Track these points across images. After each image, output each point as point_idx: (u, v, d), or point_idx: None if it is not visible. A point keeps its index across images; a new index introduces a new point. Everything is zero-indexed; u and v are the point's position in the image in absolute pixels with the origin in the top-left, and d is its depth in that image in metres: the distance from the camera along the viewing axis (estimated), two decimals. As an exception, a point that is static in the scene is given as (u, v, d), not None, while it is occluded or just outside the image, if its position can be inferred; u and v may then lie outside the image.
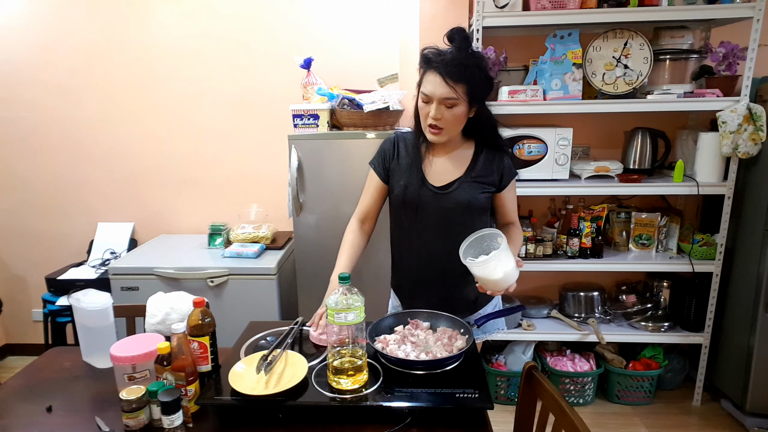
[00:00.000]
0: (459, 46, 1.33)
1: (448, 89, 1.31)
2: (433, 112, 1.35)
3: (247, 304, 2.34)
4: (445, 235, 1.45)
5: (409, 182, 1.45)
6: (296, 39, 2.62)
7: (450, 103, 1.33)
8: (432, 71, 1.33)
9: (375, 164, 1.54)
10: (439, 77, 1.31)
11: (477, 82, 1.34)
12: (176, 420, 1.05)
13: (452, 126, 1.38)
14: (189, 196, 2.85)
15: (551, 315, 2.62)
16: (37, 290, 2.95)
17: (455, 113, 1.35)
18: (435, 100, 1.33)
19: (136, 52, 2.67)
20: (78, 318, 1.41)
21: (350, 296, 1.10)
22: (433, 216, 1.45)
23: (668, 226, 2.53)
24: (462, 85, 1.31)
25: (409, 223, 1.50)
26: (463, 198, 1.43)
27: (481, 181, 1.45)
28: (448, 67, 1.30)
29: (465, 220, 1.45)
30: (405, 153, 1.50)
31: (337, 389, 1.10)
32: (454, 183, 1.45)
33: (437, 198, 1.44)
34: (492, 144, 1.49)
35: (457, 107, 1.34)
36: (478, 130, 1.47)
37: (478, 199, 1.45)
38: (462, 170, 1.46)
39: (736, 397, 2.36)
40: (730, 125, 2.13)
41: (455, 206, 1.44)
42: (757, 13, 2.07)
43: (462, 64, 1.31)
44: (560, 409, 1.04)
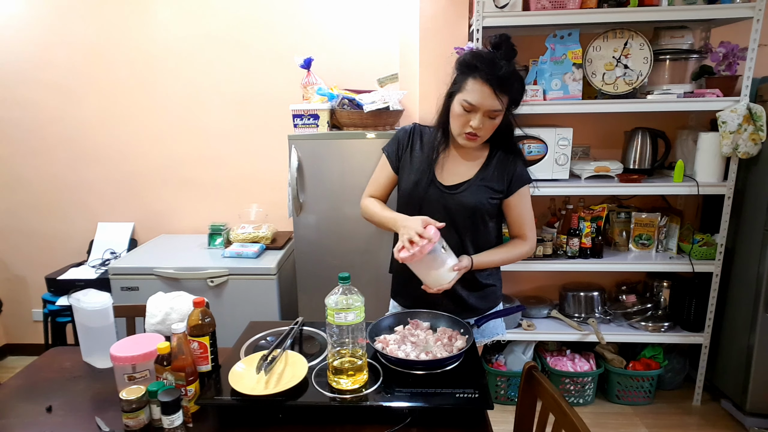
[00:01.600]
0: (508, 57, 1.29)
1: (497, 102, 1.28)
2: (476, 123, 1.31)
3: (247, 304, 2.34)
4: (447, 236, 1.41)
5: (418, 178, 1.43)
6: (296, 39, 2.62)
7: (495, 115, 1.31)
8: (479, 80, 1.27)
9: (389, 151, 1.51)
10: (488, 89, 1.27)
11: (518, 93, 1.33)
12: (176, 420, 1.05)
13: (488, 134, 1.37)
14: (189, 196, 2.85)
15: (551, 315, 2.62)
16: (37, 290, 2.95)
17: (495, 123, 1.34)
18: (481, 111, 1.30)
19: (136, 52, 2.67)
20: (78, 318, 1.41)
21: (350, 296, 1.10)
22: (437, 215, 1.41)
23: (668, 226, 2.53)
24: (506, 96, 1.30)
25: None
26: (469, 201, 1.41)
27: (491, 185, 1.43)
28: (500, 80, 1.26)
29: (469, 224, 1.43)
30: (419, 147, 1.48)
31: (337, 389, 1.10)
32: (464, 184, 1.43)
33: (443, 197, 1.42)
34: (506, 147, 1.46)
35: (499, 118, 1.33)
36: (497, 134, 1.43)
37: (485, 204, 1.42)
38: (473, 172, 1.44)
39: (736, 397, 2.36)
40: (730, 125, 2.13)
41: (461, 208, 1.42)
42: (757, 13, 2.06)
43: (509, 75, 1.28)
44: (560, 409, 1.04)
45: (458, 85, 1.34)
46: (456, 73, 1.36)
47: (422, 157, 1.46)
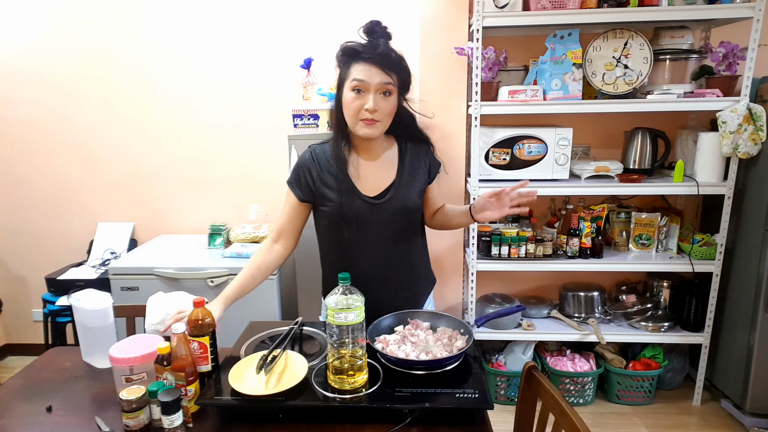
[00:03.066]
0: (385, 38, 1.34)
1: (386, 76, 1.29)
2: (370, 103, 1.29)
3: (247, 304, 2.32)
4: (387, 243, 1.44)
5: (340, 197, 1.38)
6: (296, 39, 2.62)
7: (387, 89, 1.31)
8: (362, 62, 1.29)
9: (291, 182, 1.45)
10: (374, 66, 1.28)
11: (405, 72, 1.34)
12: (176, 420, 1.05)
13: (387, 117, 1.35)
14: (189, 196, 2.85)
15: (551, 315, 2.62)
16: (37, 290, 2.95)
17: (391, 103, 1.33)
18: (372, 88, 1.29)
19: (136, 52, 2.68)
20: (78, 318, 1.41)
21: (350, 296, 1.10)
22: (373, 227, 1.40)
23: (668, 226, 2.53)
24: (394, 74, 1.31)
25: (347, 240, 1.42)
26: (400, 204, 1.41)
27: (414, 181, 1.44)
28: (383, 57, 1.29)
29: (404, 224, 1.45)
30: (327, 166, 1.41)
31: (337, 389, 1.10)
32: (389, 189, 1.41)
33: (374, 208, 1.40)
34: (413, 137, 1.48)
35: (393, 96, 1.33)
36: (399, 125, 1.43)
37: (414, 201, 1.44)
38: (393, 174, 1.43)
39: (736, 397, 2.36)
40: (730, 125, 2.13)
41: (395, 215, 1.41)
42: (757, 13, 2.07)
43: (393, 52, 1.32)
44: (560, 409, 1.04)
45: (343, 75, 1.33)
46: (339, 69, 1.35)
47: (335, 174, 1.39)
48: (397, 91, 1.34)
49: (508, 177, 2.36)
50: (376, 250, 1.43)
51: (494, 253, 2.42)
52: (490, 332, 2.50)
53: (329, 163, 1.41)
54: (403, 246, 1.47)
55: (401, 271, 1.49)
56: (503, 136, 2.32)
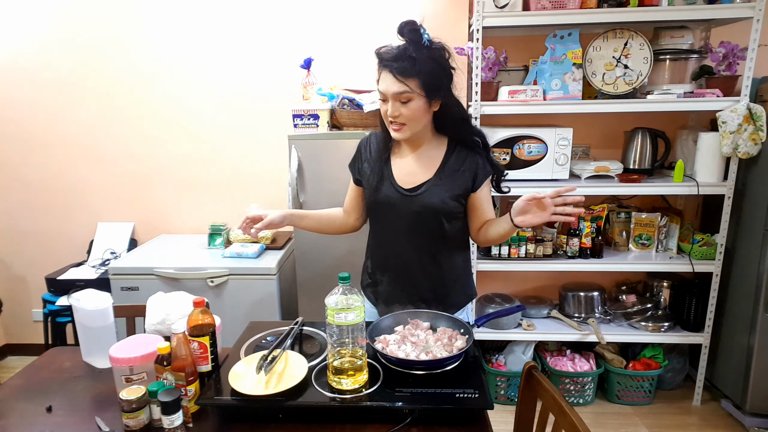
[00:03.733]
0: (409, 39, 1.31)
1: (398, 85, 1.29)
2: (390, 110, 1.34)
3: (247, 304, 2.34)
4: (415, 239, 1.43)
5: (377, 183, 1.44)
6: (296, 39, 2.62)
7: (404, 98, 1.31)
8: (385, 70, 1.32)
9: (352, 166, 1.56)
10: (390, 75, 1.30)
11: (431, 74, 1.31)
12: (176, 420, 1.05)
13: (413, 121, 1.35)
14: (189, 196, 2.85)
15: (551, 315, 2.62)
16: (37, 290, 2.95)
17: (412, 108, 1.33)
18: (389, 97, 1.33)
19: (136, 53, 2.67)
20: (78, 318, 1.41)
21: (350, 296, 1.10)
22: (403, 219, 1.42)
23: (668, 226, 2.53)
24: (414, 79, 1.29)
25: (380, 227, 1.50)
26: (432, 201, 1.39)
27: (452, 184, 1.41)
28: (398, 63, 1.29)
29: (435, 225, 1.42)
30: (374, 153, 1.49)
31: (337, 389, 1.10)
32: (423, 185, 1.41)
33: (405, 200, 1.41)
34: (464, 141, 1.44)
35: (413, 102, 1.32)
36: (446, 124, 1.43)
37: (447, 204, 1.40)
38: (431, 172, 1.42)
39: (736, 397, 2.36)
40: (730, 125, 2.13)
41: (424, 210, 1.40)
42: (757, 13, 2.07)
43: (411, 58, 1.28)
44: (560, 409, 1.04)
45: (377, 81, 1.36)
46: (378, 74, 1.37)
47: (377, 162, 1.47)
48: (423, 95, 1.32)
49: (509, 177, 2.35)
50: (405, 243, 1.45)
51: (494, 253, 2.42)
52: (490, 332, 2.50)
53: (377, 150, 1.49)
54: (433, 246, 1.45)
55: (431, 272, 1.47)
56: (503, 136, 2.32)
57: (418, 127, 1.38)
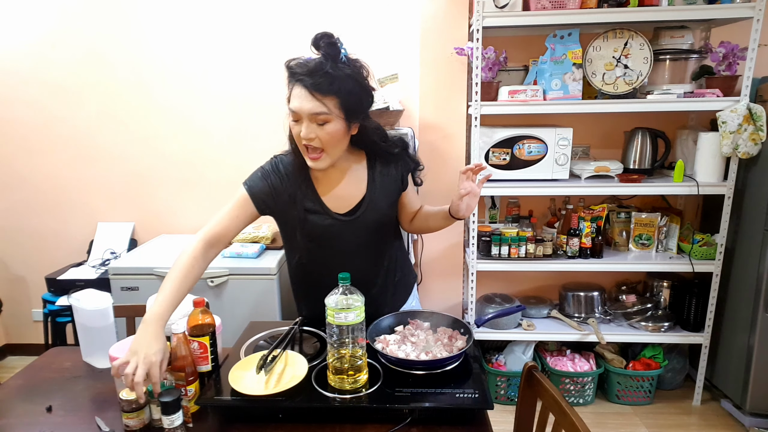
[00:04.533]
0: (325, 54, 1.19)
1: (315, 103, 1.16)
2: (304, 131, 1.19)
3: (247, 304, 2.34)
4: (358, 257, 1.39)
5: (308, 214, 1.32)
6: (296, 39, 2.62)
7: (321, 119, 1.18)
8: (298, 85, 1.18)
9: (252, 185, 1.34)
10: (304, 91, 1.16)
11: (350, 95, 1.19)
12: (176, 420, 1.05)
13: (331, 146, 1.22)
14: (189, 196, 2.85)
15: (551, 315, 2.62)
16: (37, 290, 2.95)
17: (330, 131, 1.19)
18: (304, 116, 1.19)
19: (136, 52, 2.67)
20: (78, 318, 1.41)
21: (350, 296, 1.10)
22: (342, 243, 1.36)
23: (668, 226, 2.53)
24: (332, 98, 1.17)
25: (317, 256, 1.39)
26: (373, 219, 1.36)
27: (385, 193, 1.37)
28: (313, 78, 1.16)
29: (377, 236, 1.41)
30: (291, 180, 1.33)
31: (337, 389, 1.10)
32: (360, 205, 1.34)
33: (346, 225, 1.34)
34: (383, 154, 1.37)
35: (331, 124, 1.19)
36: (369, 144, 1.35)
37: (387, 215, 1.39)
38: (362, 189, 1.35)
39: (736, 397, 2.36)
40: (730, 125, 2.13)
41: (367, 228, 1.36)
42: (757, 13, 2.06)
43: (329, 74, 1.16)
44: (560, 409, 1.04)
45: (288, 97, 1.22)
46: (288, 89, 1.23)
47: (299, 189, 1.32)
48: (343, 117, 1.20)
49: (509, 177, 2.36)
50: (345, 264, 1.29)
51: (494, 253, 2.42)
52: (490, 332, 2.50)
53: (295, 179, 1.33)
54: (375, 257, 1.44)
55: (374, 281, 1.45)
56: (503, 136, 2.32)
57: (337, 153, 1.26)
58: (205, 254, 1.27)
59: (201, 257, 1.25)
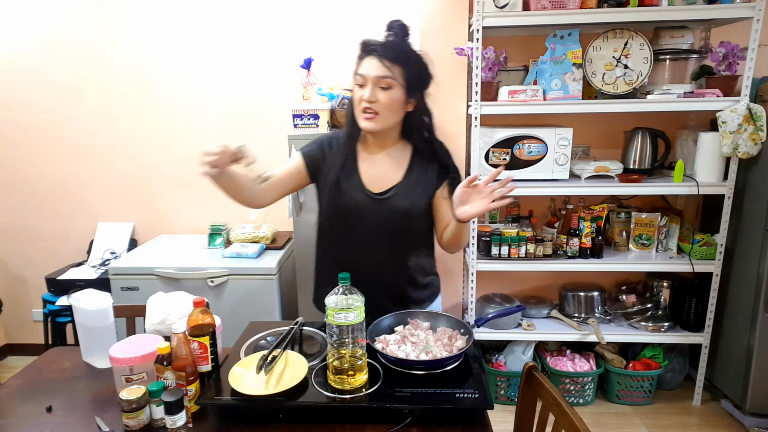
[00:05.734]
0: (397, 33, 1.33)
1: (384, 68, 1.29)
2: (367, 93, 1.30)
3: (247, 304, 2.34)
4: (383, 242, 1.40)
5: (342, 185, 1.38)
6: (296, 39, 2.62)
7: (386, 83, 1.29)
8: (369, 56, 1.31)
9: (306, 151, 1.45)
10: (375, 59, 1.30)
11: (415, 68, 1.32)
12: (179, 420, 1.05)
13: (387, 112, 1.32)
14: (189, 196, 2.85)
15: (551, 315, 2.62)
16: (37, 290, 2.95)
17: (391, 96, 1.30)
18: (370, 81, 1.30)
19: (136, 53, 2.67)
20: (78, 318, 1.41)
21: (350, 296, 1.10)
22: (372, 223, 1.38)
23: (668, 226, 2.53)
24: (398, 67, 1.29)
25: (344, 231, 1.42)
26: (402, 205, 1.38)
27: (420, 185, 1.40)
28: (386, 50, 1.29)
29: (404, 227, 1.41)
30: (337, 152, 1.43)
31: (337, 389, 1.10)
32: (393, 188, 1.39)
33: (375, 204, 1.38)
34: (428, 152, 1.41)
35: (393, 90, 1.30)
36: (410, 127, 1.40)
37: (417, 206, 1.40)
38: (400, 174, 1.40)
39: (736, 397, 2.36)
40: (730, 125, 2.13)
41: (394, 213, 1.38)
42: (757, 13, 2.07)
43: (400, 48, 1.31)
44: (560, 409, 1.04)
45: (354, 71, 1.35)
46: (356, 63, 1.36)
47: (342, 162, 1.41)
48: (403, 87, 1.30)
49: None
50: (371, 246, 1.40)
51: (494, 253, 2.42)
52: (490, 332, 2.50)
53: (342, 149, 1.43)
54: (401, 249, 1.44)
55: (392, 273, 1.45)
56: (503, 136, 2.32)
57: (390, 120, 1.34)
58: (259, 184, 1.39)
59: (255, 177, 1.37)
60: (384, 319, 1.36)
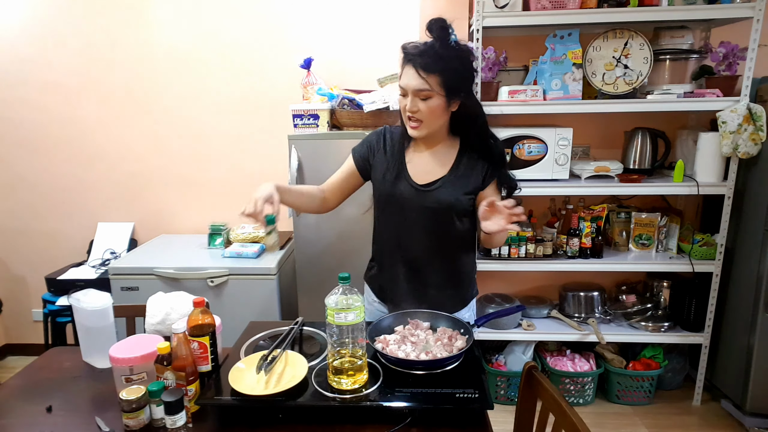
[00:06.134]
0: (437, 37, 1.31)
1: (420, 81, 1.29)
2: (408, 105, 1.34)
3: (247, 304, 2.34)
4: (426, 234, 1.44)
5: (390, 176, 1.44)
6: (296, 39, 2.62)
7: (424, 95, 1.31)
8: (408, 64, 1.32)
9: (356, 152, 1.54)
10: (412, 69, 1.30)
11: (453, 74, 1.31)
12: (179, 420, 1.05)
13: (430, 119, 1.35)
14: (189, 196, 2.85)
15: (551, 315, 2.62)
16: (37, 290, 2.95)
17: (431, 106, 1.33)
18: (409, 92, 1.33)
19: (136, 53, 2.67)
20: (78, 318, 1.41)
21: (350, 296, 1.10)
22: (414, 214, 1.43)
23: (668, 226, 2.53)
24: (435, 76, 1.29)
25: (391, 221, 1.48)
26: (445, 198, 1.41)
27: (465, 181, 1.42)
28: (422, 58, 1.29)
29: (447, 221, 1.43)
30: (389, 147, 1.49)
31: (337, 389, 1.10)
32: (438, 181, 1.42)
33: (419, 195, 1.42)
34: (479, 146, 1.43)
35: (432, 100, 1.32)
36: (465, 128, 1.43)
37: (461, 201, 1.41)
38: (446, 169, 1.43)
39: (736, 397, 2.36)
40: (730, 125, 2.13)
41: (437, 206, 1.41)
42: (757, 13, 2.07)
43: (436, 54, 1.29)
44: (560, 409, 1.04)
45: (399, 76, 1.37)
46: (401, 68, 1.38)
47: (392, 156, 1.47)
48: (443, 93, 1.32)
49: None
50: (416, 238, 1.45)
51: (494, 253, 2.42)
52: (490, 332, 2.50)
53: (393, 145, 1.49)
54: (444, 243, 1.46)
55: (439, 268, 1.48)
56: (503, 136, 2.32)
57: (434, 126, 1.38)
58: (320, 191, 1.53)
59: (317, 189, 1.53)
60: (384, 319, 1.37)
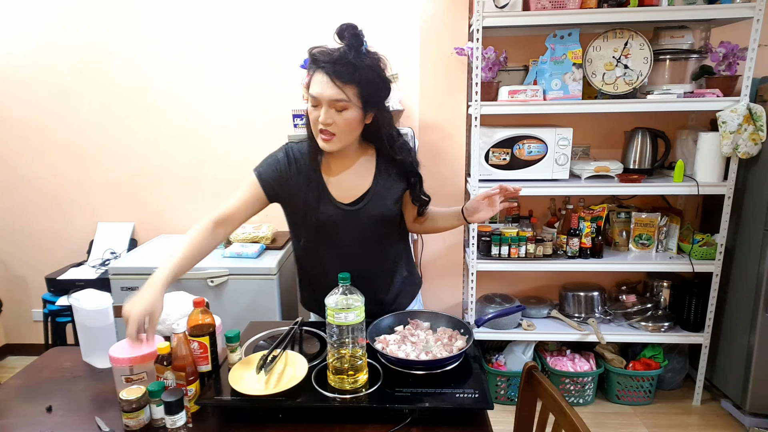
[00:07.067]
0: (349, 44, 1.23)
1: (336, 90, 1.21)
2: (322, 116, 1.23)
3: (247, 304, 2.34)
4: (361, 250, 1.40)
5: (311, 200, 1.34)
6: (296, 39, 2.62)
7: (340, 107, 1.23)
8: (319, 71, 1.23)
9: (261, 172, 1.39)
10: (326, 77, 1.21)
11: (370, 85, 1.24)
12: (179, 420, 1.05)
13: (345, 132, 1.27)
14: (189, 196, 2.85)
15: (551, 315, 2.62)
16: (37, 290, 2.95)
17: (347, 118, 1.24)
18: (324, 102, 1.23)
19: (136, 53, 2.67)
20: (78, 318, 1.41)
21: (350, 296, 1.10)
22: (345, 234, 1.37)
23: (668, 226, 2.53)
24: (352, 86, 1.21)
25: (319, 245, 1.41)
26: (376, 212, 1.37)
27: (390, 187, 1.39)
28: (336, 66, 1.20)
29: (381, 231, 1.41)
30: (300, 167, 1.37)
31: (337, 389, 1.10)
32: (364, 197, 1.37)
33: (349, 216, 1.36)
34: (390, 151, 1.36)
35: (349, 111, 1.24)
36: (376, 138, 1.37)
37: (391, 210, 1.39)
38: (368, 181, 1.38)
39: (736, 397, 2.36)
40: (730, 125, 2.13)
41: (369, 222, 1.37)
42: (757, 13, 2.07)
43: (351, 64, 1.21)
44: (560, 409, 1.04)
45: (307, 84, 1.28)
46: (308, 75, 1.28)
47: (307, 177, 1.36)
48: (360, 105, 1.24)
49: (508, 177, 2.36)
50: (348, 256, 1.39)
51: (494, 253, 2.42)
52: (490, 332, 2.50)
53: (304, 166, 1.37)
54: (378, 252, 1.44)
55: (377, 277, 1.45)
56: (503, 136, 2.33)
57: (348, 139, 1.30)
58: (214, 231, 1.37)
59: (209, 233, 1.36)
60: (384, 319, 1.36)
